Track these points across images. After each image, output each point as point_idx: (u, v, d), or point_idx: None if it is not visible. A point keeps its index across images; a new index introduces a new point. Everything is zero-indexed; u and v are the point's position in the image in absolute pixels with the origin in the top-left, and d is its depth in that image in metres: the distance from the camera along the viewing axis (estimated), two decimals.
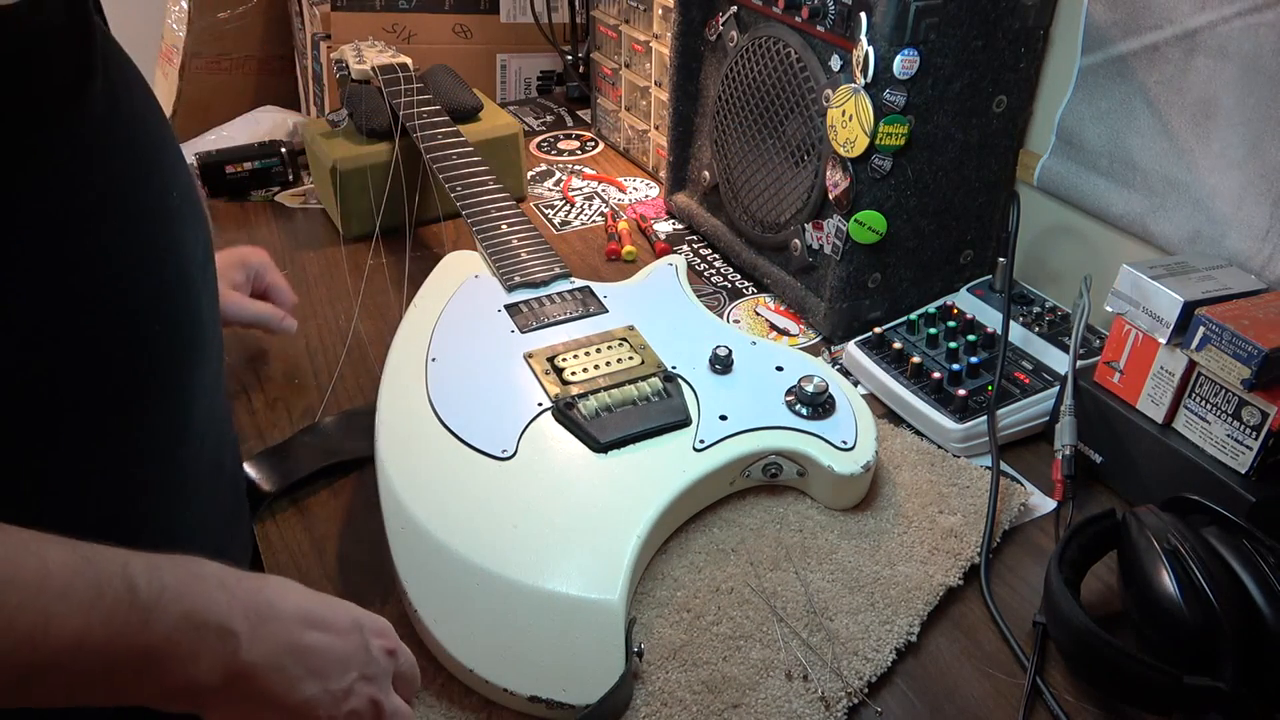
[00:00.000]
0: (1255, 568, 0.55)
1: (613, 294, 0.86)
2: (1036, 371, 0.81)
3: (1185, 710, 0.54)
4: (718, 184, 1.05)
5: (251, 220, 1.14)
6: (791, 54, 0.88)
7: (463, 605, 0.58)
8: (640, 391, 0.73)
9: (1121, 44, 0.81)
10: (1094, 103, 0.85)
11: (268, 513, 0.71)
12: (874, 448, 0.71)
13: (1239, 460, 0.65)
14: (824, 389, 0.73)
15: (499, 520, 0.62)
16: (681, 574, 0.66)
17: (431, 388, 0.72)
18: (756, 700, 0.57)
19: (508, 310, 0.82)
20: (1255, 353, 0.61)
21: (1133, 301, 0.70)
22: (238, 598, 0.43)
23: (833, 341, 0.92)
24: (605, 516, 0.64)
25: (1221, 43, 0.73)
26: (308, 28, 1.46)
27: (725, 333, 0.82)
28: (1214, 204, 0.77)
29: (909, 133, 0.81)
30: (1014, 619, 0.64)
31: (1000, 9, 0.81)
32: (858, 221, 0.85)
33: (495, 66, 1.51)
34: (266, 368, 0.87)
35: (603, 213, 1.17)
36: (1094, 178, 0.87)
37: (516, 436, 0.69)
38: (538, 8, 1.46)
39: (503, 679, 0.55)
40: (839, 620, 0.62)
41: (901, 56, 0.77)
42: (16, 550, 0.36)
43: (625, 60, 1.27)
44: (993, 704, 0.59)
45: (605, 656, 0.56)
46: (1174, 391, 0.69)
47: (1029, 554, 0.69)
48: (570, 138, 1.39)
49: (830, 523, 0.70)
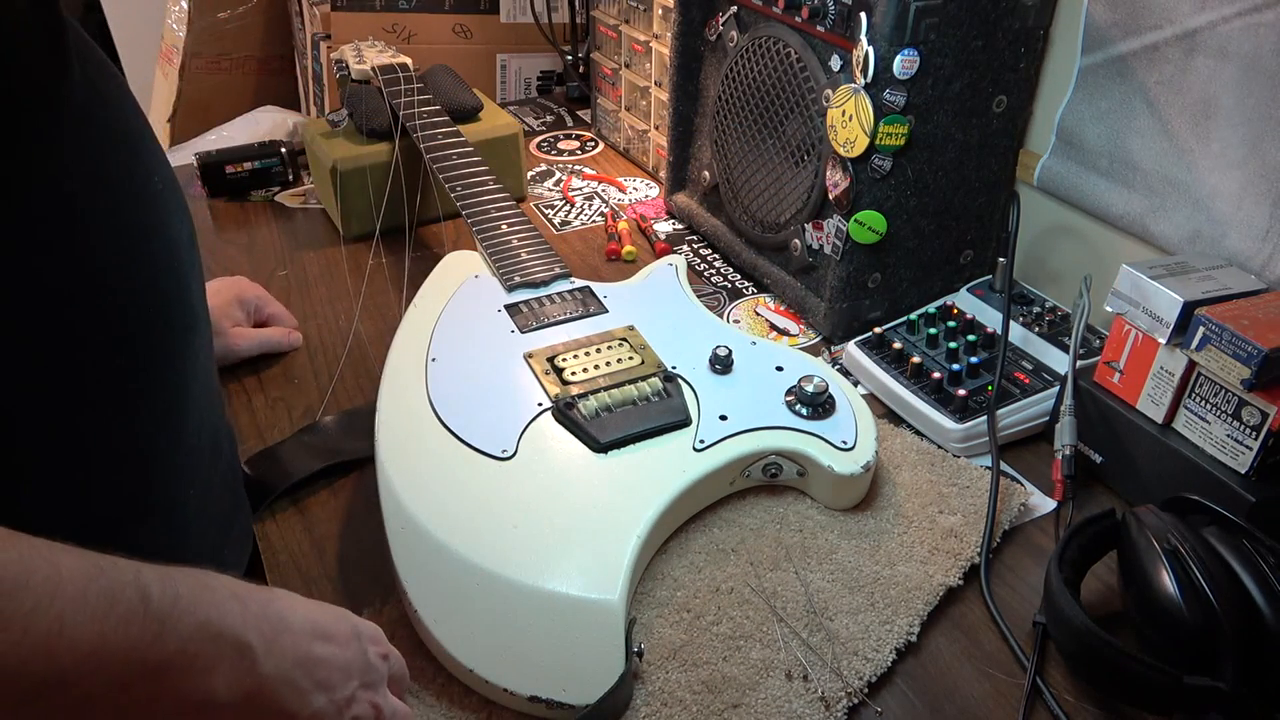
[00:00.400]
0: (1255, 568, 0.55)
1: (613, 294, 0.86)
2: (1036, 371, 0.81)
3: (1185, 710, 0.54)
4: (718, 184, 1.05)
5: (251, 220, 1.14)
6: (791, 54, 0.88)
7: (463, 605, 0.58)
8: (640, 391, 0.73)
9: (1121, 44, 0.81)
10: (1094, 103, 0.85)
11: (268, 513, 0.71)
12: (874, 448, 0.71)
13: (1239, 460, 0.65)
14: (824, 389, 0.73)
15: (499, 520, 0.62)
16: (681, 574, 0.66)
17: (431, 388, 0.72)
18: (756, 700, 0.57)
19: (508, 310, 0.82)
20: (1255, 353, 0.61)
21: (1133, 301, 0.70)
22: (250, 610, 0.42)
23: (833, 341, 0.92)
24: (605, 516, 0.64)
25: (1221, 43, 0.73)
26: (308, 28, 1.46)
27: (725, 333, 0.82)
28: (1214, 204, 0.77)
29: (909, 133, 0.81)
30: (1014, 619, 0.64)
31: (1000, 9, 0.81)
32: (858, 221, 0.85)
33: (495, 66, 1.51)
34: (266, 368, 0.88)
35: (603, 213, 1.17)
36: (1094, 178, 0.87)
37: (516, 436, 0.69)
38: (538, 8, 1.46)
39: (503, 679, 0.55)
40: (839, 620, 0.62)
41: (901, 56, 0.78)
42: (29, 555, 0.35)
43: (625, 60, 1.27)
44: (993, 704, 0.59)
45: (605, 656, 0.56)
46: (1174, 391, 0.69)
47: (1029, 554, 0.69)
48: (570, 138, 1.39)
49: (830, 523, 0.70)
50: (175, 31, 1.53)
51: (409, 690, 0.57)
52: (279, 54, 1.60)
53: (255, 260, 1.05)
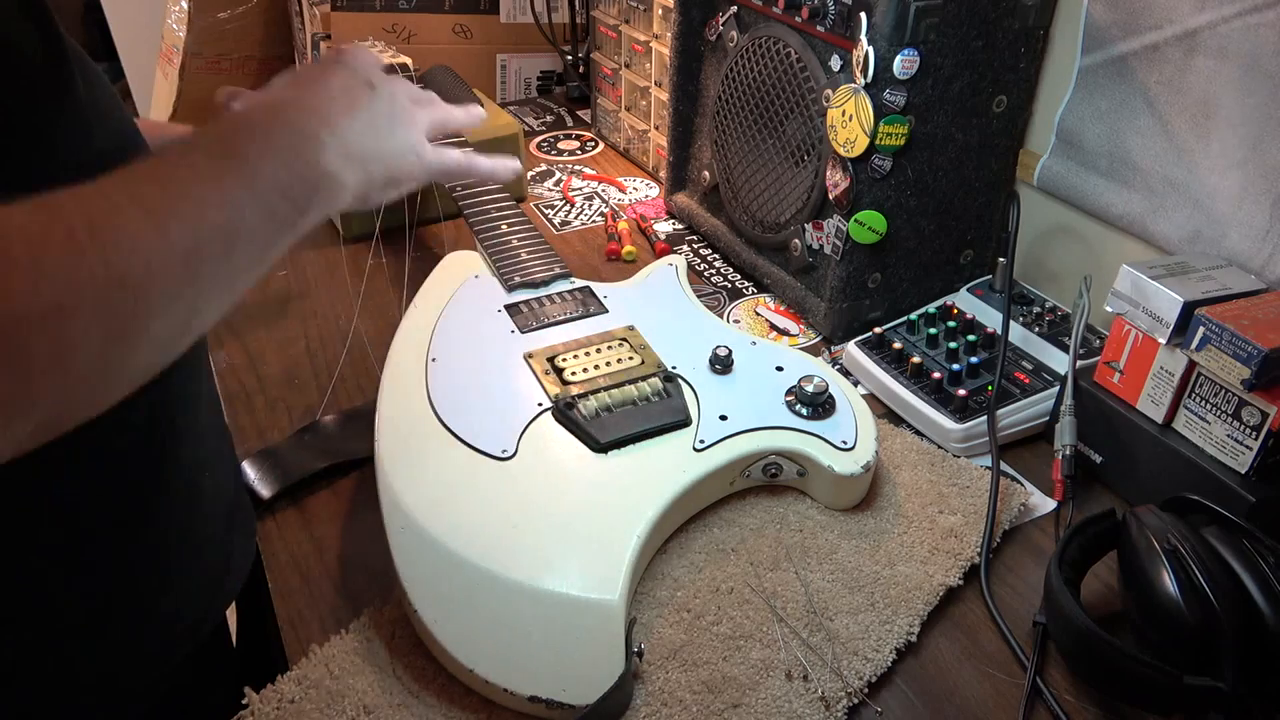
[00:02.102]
0: (1255, 568, 0.55)
1: (613, 294, 0.86)
2: (1036, 371, 0.81)
3: (1185, 710, 0.54)
4: (718, 184, 1.05)
5: None
6: (791, 54, 0.88)
7: (463, 605, 0.58)
8: (640, 391, 0.73)
9: (1121, 44, 0.81)
10: (1094, 103, 0.85)
11: (268, 513, 0.71)
12: (874, 448, 0.71)
13: (1239, 460, 0.65)
14: (824, 389, 0.73)
15: (499, 520, 0.62)
16: (681, 574, 0.66)
17: (431, 388, 0.72)
18: (756, 700, 0.57)
19: (508, 310, 0.82)
20: (1255, 353, 0.61)
21: (1133, 301, 0.70)
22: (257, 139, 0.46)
23: (833, 341, 0.92)
24: (605, 516, 0.64)
25: (1221, 43, 0.73)
26: (308, 28, 1.46)
27: (725, 333, 0.82)
28: (1214, 204, 0.77)
29: (909, 133, 0.81)
30: (1014, 619, 0.64)
31: (1000, 9, 0.81)
32: (858, 221, 0.85)
33: (495, 66, 1.51)
34: (266, 368, 0.87)
35: (603, 213, 1.17)
36: (1094, 178, 0.87)
37: (516, 436, 0.69)
38: (538, 8, 1.46)
39: (503, 679, 0.55)
40: (839, 620, 0.62)
41: (901, 56, 0.78)
42: None
43: (625, 60, 1.27)
44: (993, 704, 0.59)
45: (605, 656, 0.56)
46: (1174, 391, 0.69)
47: (1029, 554, 0.69)
48: (570, 138, 1.39)
49: (830, 523, 0.70)
50: (175, 31, 1.53)
51: (412, 694, 0.57)
52: (279, 54, 1.60)
53: None
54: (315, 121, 0.49)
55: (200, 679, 0.64)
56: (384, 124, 0.54)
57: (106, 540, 0.53)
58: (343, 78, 0.53)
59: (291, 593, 0.65)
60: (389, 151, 0.55)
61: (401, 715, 0.56)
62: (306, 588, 0.66)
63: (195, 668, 0.63)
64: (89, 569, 0.53)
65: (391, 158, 0.55)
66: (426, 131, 0.60)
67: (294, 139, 0.47)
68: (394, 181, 0.56)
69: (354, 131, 0.51)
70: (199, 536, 0.60)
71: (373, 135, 0.53)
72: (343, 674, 0.58)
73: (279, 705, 0.56)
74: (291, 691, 0.57)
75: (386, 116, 0.55)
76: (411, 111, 0.58)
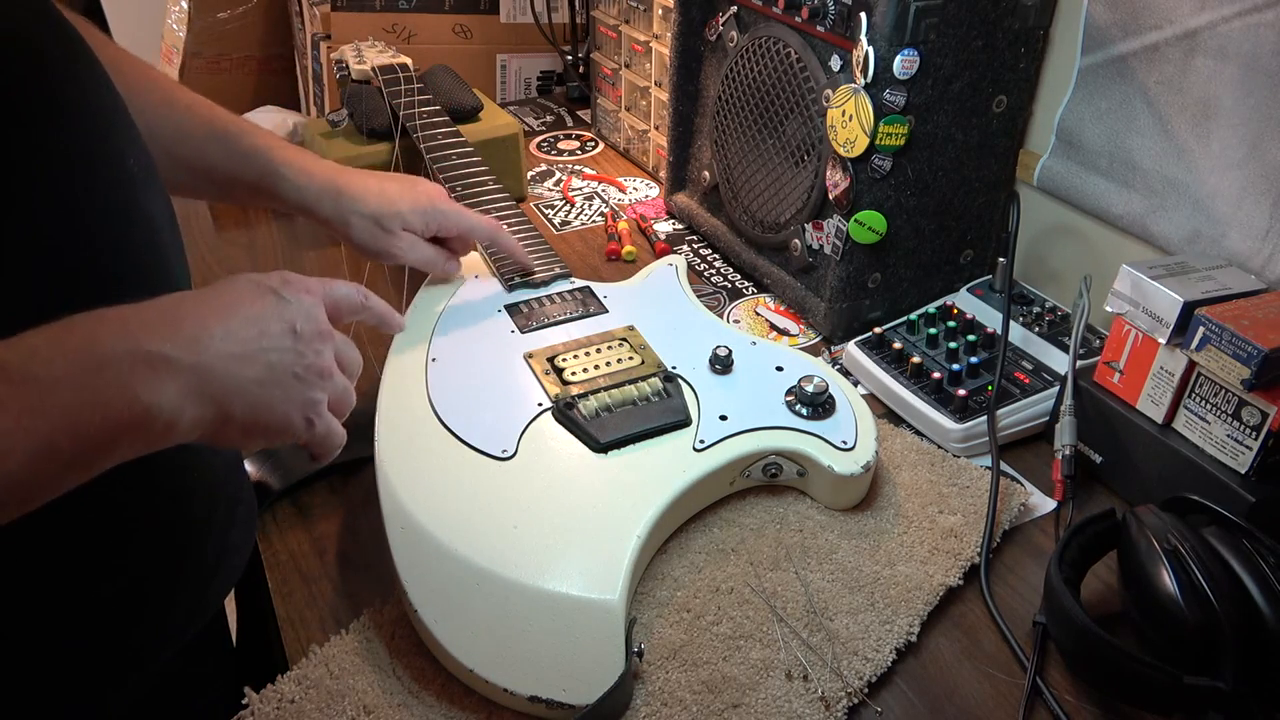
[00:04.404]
0: (1255, 568, 0.55)
1: (613, 294, 0.86)
2: (1036, 371, 0.81)
3: (1185, 710, 0.54)
4: (718, 184, 1.05)
5: (251, 220, 1.14)
6: (791, 54, 0.88)
7: (463, 605, 0.58)
8: (640, 391, 0.73)
9: (1121, 44, 0.81)
10: (1094, 103, 0.85)
11: (268, 513, 0.71)
12: (874, 448, 0.71)
13: (1239, 460, 0.65)
14: (824, 389, 0.73)
15: (499, 520, 0.62)
16: (681, 574, 0.66)
17: (431, 388, 0.72)
18: (756, 700, 0.57)
19: (508, 310, 0.82)
20: (1255, 353, 0.61)
21: (1133, 301, 0.70)
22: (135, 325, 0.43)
23: (833, 341, 0.92)
24: (605, 516, 0.64)
25: (1221, 43, 0.73)
26: (308, 28, 1.46)
27: (725, 333, 0.82)
28: (1214, 204, 0.77)
29: (909, 133, 0.81)
30: (1014, 619, 0.64)
31: (1000, 9, 0.81)
32: (858, 221, 0.85)
33: (495, 66, 1.51)
34: None
35: (603, 213, 1.17)
36: (1094, 178, 0.87)
37: (516, 436, 0.69)
38: (538, 8, 1.46)
39: (503, 679, 0.55)
40: (839, 620, 0.62)
41: (901, 56, 0.78)
42: None
43: (625, 60, 1.27)
44: (993, 704, 0.59)
45: (605, 656, 0.56)
46: (1174, 391, 0.69)
47: (1029, 554, 0.69)
48: (570, 138, 1.39)
49: (830, 523, 0.70)
50: (175, 31, 1.53)
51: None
52: (279, 54, 1.60)
53: (256, 260, 1.05)
54: (177, 343, 0.42)
55: (197, 677, 0.64)
56: (285, 374, 0.47)
57: (91, 536, 0.53)
58: (270, 308, 0.48)
59: (291, 592, 0.66)
60: (268, 400, 0.47)
61: (401, 715, 0.56)
62: (306, 587, 0.66)
63: (191, 665, 0.63)
64: (74, 564, 0.52)
65: (267, 409, 0.47)
66: (332, 405, 0.53)
67: (122, 363, 0.40)
68: (260, 434, 0.48)
69: (231, 366, 0.44)
70: (188, 533, 0.60)
71: (256, 378, 0.45)
72: (343, 674, 0.58)
73: (279, 705, 0.56)
74: (291, 691, 0.57)
75: (294, 365, 0.48)
76: (330, 371, 0.51)
